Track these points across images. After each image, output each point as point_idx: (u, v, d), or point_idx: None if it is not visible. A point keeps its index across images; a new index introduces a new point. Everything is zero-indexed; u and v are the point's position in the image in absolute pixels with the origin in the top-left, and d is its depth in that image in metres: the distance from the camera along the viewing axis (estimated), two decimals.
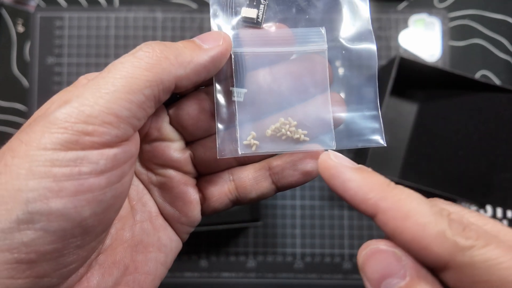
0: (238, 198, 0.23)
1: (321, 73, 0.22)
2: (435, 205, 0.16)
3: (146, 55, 0.18)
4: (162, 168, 0.22)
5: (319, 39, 0.22)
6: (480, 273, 0.14)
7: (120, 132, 0.17)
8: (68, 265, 0.17)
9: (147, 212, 0.22)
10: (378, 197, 0.16)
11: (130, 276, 0.20)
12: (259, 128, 0.22)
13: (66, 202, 0.16)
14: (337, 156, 0.18)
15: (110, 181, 0.17)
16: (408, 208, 0.15)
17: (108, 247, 0.20)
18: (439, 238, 0.14)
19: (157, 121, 0.22)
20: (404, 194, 0.16)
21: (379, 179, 0.17)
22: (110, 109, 0.17)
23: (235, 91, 0.22)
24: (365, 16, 0.22)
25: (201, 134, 0.22)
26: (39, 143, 0.16)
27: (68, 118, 0.16)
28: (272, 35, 0.22)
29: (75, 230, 0.17)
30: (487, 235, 0.14)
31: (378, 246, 0.16)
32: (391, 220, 0.15)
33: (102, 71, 0.18)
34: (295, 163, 0.22)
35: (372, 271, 0.15)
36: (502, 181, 0.40)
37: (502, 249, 0.14)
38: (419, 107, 0.49)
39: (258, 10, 0.22)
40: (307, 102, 0.22)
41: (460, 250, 0.14)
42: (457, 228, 0.14)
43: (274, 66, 0.22)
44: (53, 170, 0.16)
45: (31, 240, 0.16)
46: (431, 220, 0.15)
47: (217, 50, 0.20)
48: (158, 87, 0.18)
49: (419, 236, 0.15)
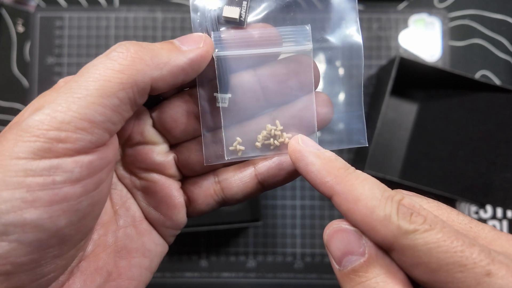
0: (224, 199, 0.22)
1: (307, 74, 0.21)
2: (387, 191, 0.16)
3: (120, 56, 0.18)
4: (146, 172, 0.22)
5: (305, 38, 0.21)
6: (420, 255, 0.14)
7: (94, 138, 0.17)
8: (46, 275, 0.17)
9: (131, 216, 0.22)
10: (334, 180, 0.17)
11: (113, 282, 0.20)
12: (245, 133, 0.22)
13: (41, 213, 0.16)
14: (304, 141, 0.20)
15: (86, 189, 0.17)
16: (360, 192, 0.16)
17: (90, 253, 0.20)
18: (385, 221, 0.15)
19: (139, 124, 0.21)
20: (359, 179, 0.17)
21: (337, 164, 0.18)
22: (83, 115, 0.16)
23: (219, 97, 0.21)
24: (352, 14, 0.22)
25: (185, 137, 0.22)
26: (12, 152, 0.15)
27: (40, 126, 0.16)
28: (256, 35, 0.21)
29: (52, 240, 0.16)
30: (435, 220, 0.15)
31: (340, 225, 0.17)
32: (344, 202, 0.17)
33: (76, 75, 0.18)
34: (281, 163, 0.22)
35: (335, 248, 0.17)
36: (502, 181, 0.40)
37: (443, 233, 0.14)
38: (419, 107, 0.49)
39: (241, 8, 0.21)
40: (292, 104, 0.22)
41: (403, 233, 0.15)
42: (405, 213, 0.15)
43: (259, 68, 0.22)
44: (26, 180, 0.15)
45: (6, 252, 0.15)
46: (380, 204, 0.16)
47: (196, 53, 0.19)
48: (133, 89, 0.18)
49: (368, 218, 0.16)
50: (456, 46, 0.50)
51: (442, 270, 0.14)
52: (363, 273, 0.15)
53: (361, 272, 0.16)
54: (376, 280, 0.15)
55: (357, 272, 0.16)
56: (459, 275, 0.14)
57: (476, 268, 0.13)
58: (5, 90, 0.50)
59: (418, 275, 0.15)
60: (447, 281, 0.14)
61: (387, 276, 0.15)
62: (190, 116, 0.22)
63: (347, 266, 0.16)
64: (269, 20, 0.22)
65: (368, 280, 0.15)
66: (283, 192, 0.49)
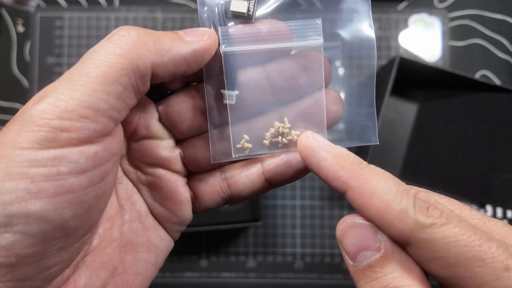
0: (230, 196, 0.22)
1: (317, 70, 0.21)
2: (402, 185, 0.16)
3: (122, 40, 0.17)
4: (151, 167, 0.22)
5: (315, 33, 0.20)
6: (437, 250, 0.14)
7: (99, 126, 0.17)
8: (51, 268, 0.17)
9: (136, 211, 0.22)
10: (348, 175, 0.17)
11: (119, 277, 0.20)
12: (252, 130, 0.22)
13: (46, 204, 0.15)
14: (314, 137, 0.19)
15: (92, 181, 0.17)
16: (375, 186, 0.16)
17: (96, 247, 0.20)
18: (402, 215, 0.15)
19: (145, 117, 0.21)
20: (373, 173, 0.17)
21: (350, 159, 0.17)
22: (86, 102, 0.16)
23: (227, 94, 0.21)
24: (364, 8, 0.21)
25: (191, 133, 0.22)
26: (16, 143, 0.15)
27: (44, 115, 0.16)
28: (265, 30, 0.20)
29: (56, 232, 0.16)
30: (451, 214, 0.15)
31: (355, 220, 0.16)
32: (358, 197, 0.16)
33: (78, 62, 0.17)
34: (289, 160, 0.21)
35: (349, 243, 0.16)
36: (502, 181, 0.40)
37: (461, 228, 0.14)
38: (419, 107, 0.49)
39: (249, 2, 0.20)
40: (301, 101, 0.22)
41: (421, 227, 0.14)
42: (421, 207, 0.15)
43: (267, 64, 0.21)
44: (30, 171, 0.15)
45: (10, 244, 0.15)
46: (396, 198, 0.15)
47: (200, 44, 0.19)
48: (135, 75, 0.17)
49: (384, 212, 0.15)
50: (456, 46, 0.50)
51: (460, 265, 0.14)
52: (380, 269, 0.15)
53: (377, 268, 0.15)
54: (393, 276, 0.15)
55: (373, 267, 0.15)
56: (478, 269, 0.13)
57: (495, 263, 0.13)
58: (5, 90, 0.50)
59: (435, 270, 0.15)
60: (465, 276, 0.14)
61: (404, 271, 0.15)
62: (197, 112, 0.21)
63: (362, 261, 0.16)
64: (279, 13, 0.21)
65: (384, 275, 0.15)
66: (283, 192, 0.49)
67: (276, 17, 0.21)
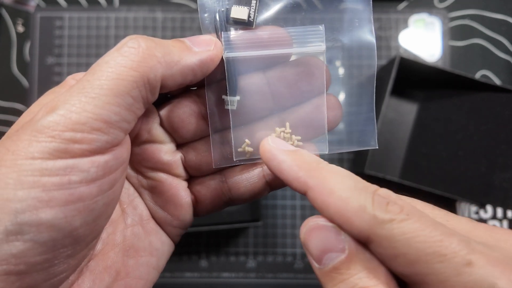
0: (231, 199, 0.22)
1: (318, 77, 0.21)
2: (361, 182, 0.16)
3: (132, 52, 0.17)
4: (153, 171, 0.22)
5: (317, 39, 0.21)
6: (398, 246, 0.14)
7: (110, 137, 0.17)
8: (59, 275, 0.17)
9: (138, 215, 0.22)
10: (307, 175, 0.17)
11: (122, 281, 0.20)
12: (253, 135, 0.22)
13: (56, 212, 0.15)
14: (274, 141, 0.20)
15: (101, 189, 0.17)
16: (333, 184, 0.16)
17: (99, 252, 0.20)
18: (360, 211, 0.15)
19: (147, 122, 0.21)
20: (331, 172, 0.16)
21: (309, 159, 0.18)
22: (98, 115, 0.16)
23: (228, 100, 0.21)
24: (366, 14, 0.21)
25: (193, 137, 0.22)
26: (27, 152, 0.15)
27: (56, 126, 0.16)
28: (266, 36, 0.21)
29: (66, 240, 0.16)
30: (412, 210, 0.14)
31: (317, 222, 0.16)
32: (318, 196, 0.16)
33: (88, 72, 0.17)
34: None
35: (313, 246, 0.16)
36: (502, 181, 0.40)
37: (421, 223, 0.14)
38: (419, 107, 0.49)
39: (250, 8, 0.20)
40: (301, 106, 0.22)
41: (380, 223, 0.14)
42: (380, 203, 0.15)
43: (268, 70, 0.21)
44: (42, 180, 0.15)
45: (20, 252, 0.15)
46: (354, 195, 0.15)
47: (207, 55, 0.19)
48: (145, 87, 0.18)
49: (343, 209, 0.15)
50: (456, 46, 0.50)
51: (421, 261, 0.13)
52: (345, 270, 0.15)
53: (343, 270, 0.15)
54: (359, 276, 0.15)
55: (339, 269, 0.15)
56: (439, 265, 0.13)
57: (456, 258, 0.13)
58: (5, 90, 0.50)
59: (398, 268, 0.14)
60: (426, 272, 0.13)
61: (369, 271, 0.15)
62: (198, 116, 0.21)
63: (328, 264, 0.15)
64: (280, 20, 0.21)
65: (350, 277, 0.15)
66: (283, 192, 0.49)
67: (277, 23, 0.21)
